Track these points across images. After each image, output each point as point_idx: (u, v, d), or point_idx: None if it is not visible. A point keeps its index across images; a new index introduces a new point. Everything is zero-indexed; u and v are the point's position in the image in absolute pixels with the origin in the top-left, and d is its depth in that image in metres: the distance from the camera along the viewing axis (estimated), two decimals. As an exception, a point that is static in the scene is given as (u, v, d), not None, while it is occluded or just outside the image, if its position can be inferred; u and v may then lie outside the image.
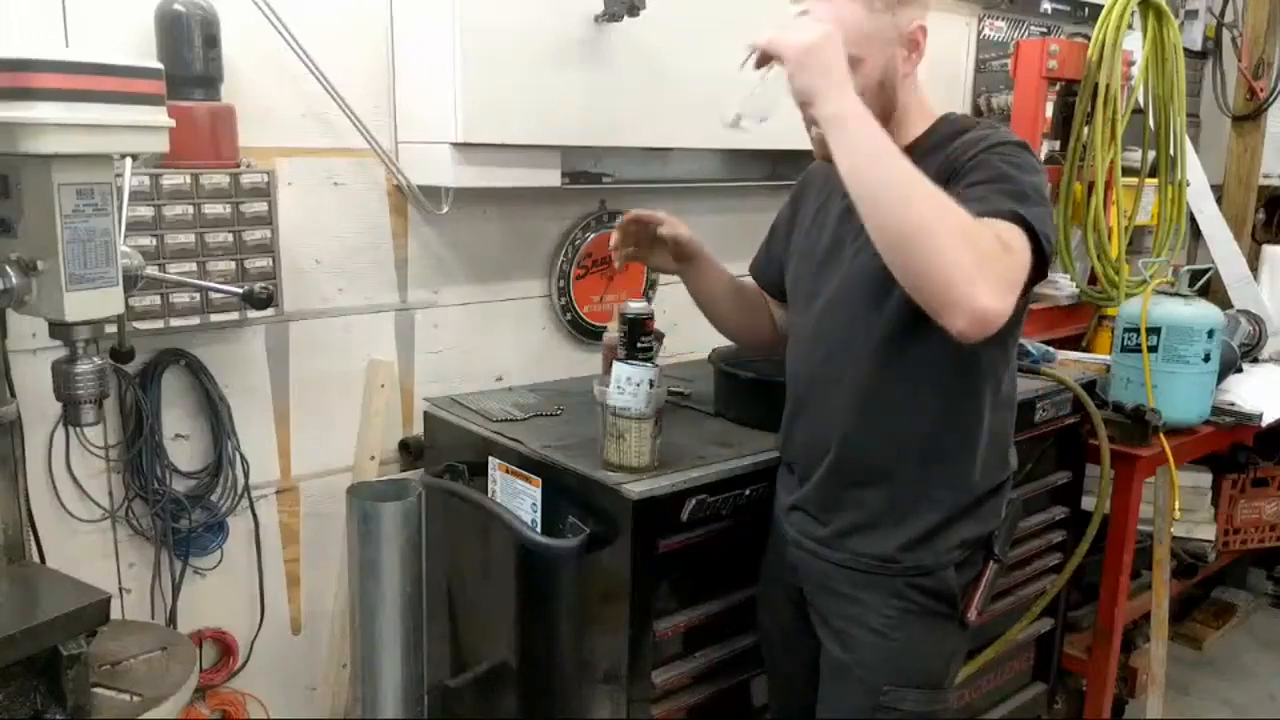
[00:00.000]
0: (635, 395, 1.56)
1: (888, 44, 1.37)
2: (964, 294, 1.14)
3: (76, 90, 1.20)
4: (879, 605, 1.47)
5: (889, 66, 1.38)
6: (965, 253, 1.15)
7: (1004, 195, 1.25)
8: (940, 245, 1.15)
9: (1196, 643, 3.41)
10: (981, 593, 1.51)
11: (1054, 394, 2.24)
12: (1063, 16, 3.43)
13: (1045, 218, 1.27)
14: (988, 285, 1.15)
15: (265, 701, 2.05)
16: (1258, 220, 4.14)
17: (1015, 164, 1.30)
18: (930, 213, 1.16)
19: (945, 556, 1.47)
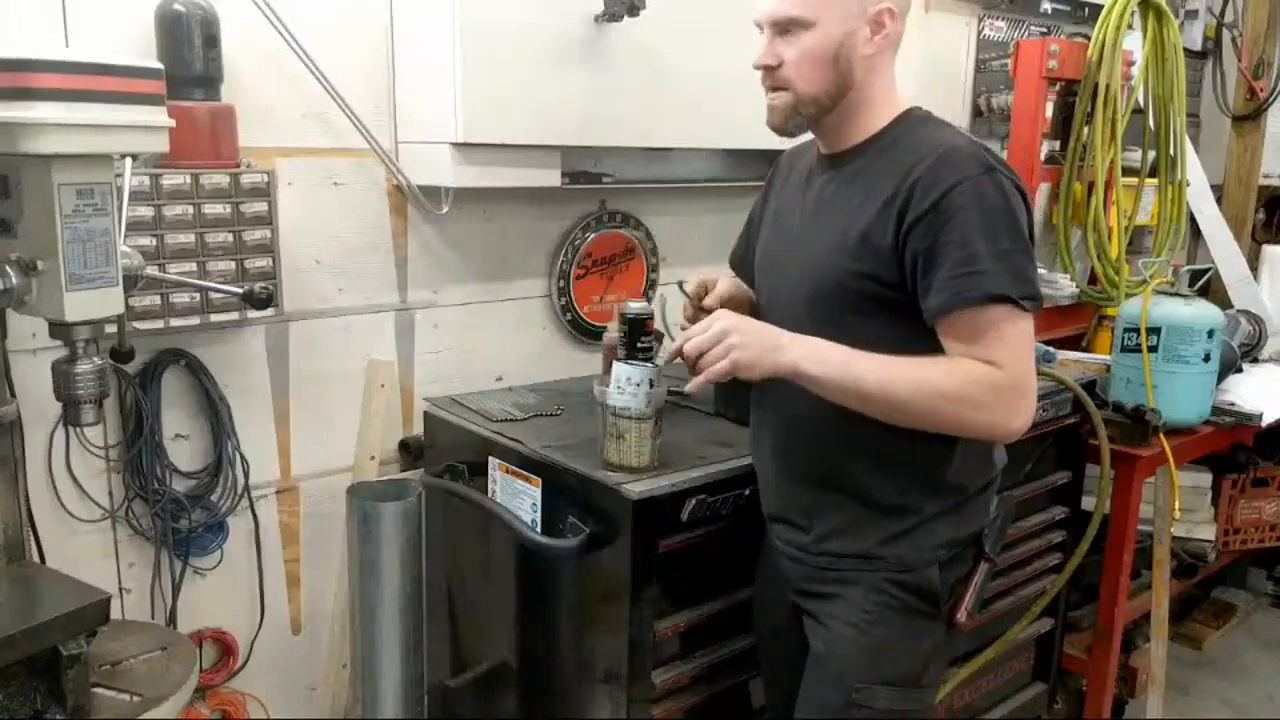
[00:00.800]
0: (635, 395, 1.56)
1: (849, 18, 1.33)
2: (1000, 435, 1.34)
3: (76, 90, 1.20)
4: (859, 600, 1.45)
5: (847, 42, 1.34)
6: (972, 413, 1.29)
7: (969, 278, 1.26)
8: (950, 422, 1.31)
9: (1196, 643, 3.41)
10: (972, 592, 1.49)
11: (1054, 394, 2.24)
12: (1063, 16, 3.43)
13: (1017, 267, 1.27)
14: (1006, 415, 1.29)
15: (265, 701, 2.05)
16: (1258, 220, 4.13)
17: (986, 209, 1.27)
18: (923, 406, 1.29)
19: (928, 554, 1.44)
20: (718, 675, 1.75)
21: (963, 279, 1.26)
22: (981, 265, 1.25)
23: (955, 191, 1.27)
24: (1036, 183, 3.00)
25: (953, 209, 1.26)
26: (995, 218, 1.27)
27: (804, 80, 1.36)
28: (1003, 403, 1.29)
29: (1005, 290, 1.26)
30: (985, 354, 1.27)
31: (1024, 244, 1.29)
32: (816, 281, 1.40)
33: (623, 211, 2.40)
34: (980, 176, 1.27)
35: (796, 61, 1.36)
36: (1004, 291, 1.26)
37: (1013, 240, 1.27)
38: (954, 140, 1.33)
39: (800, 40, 1.34)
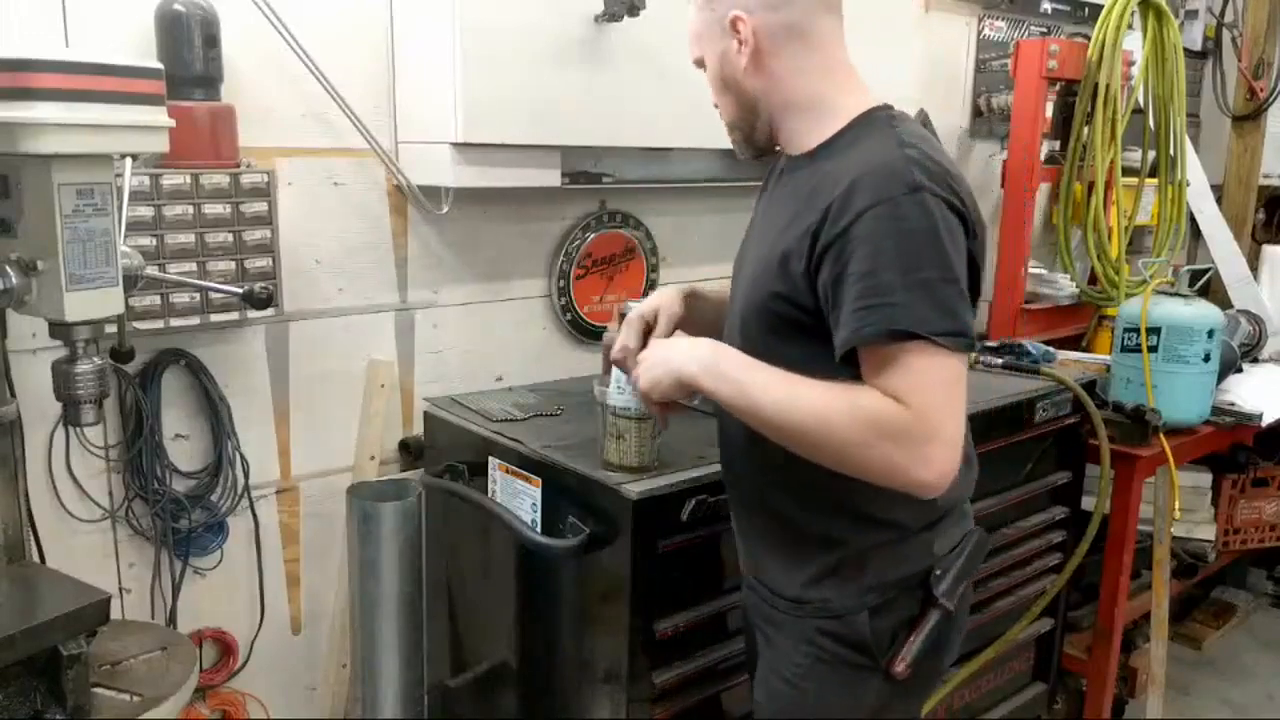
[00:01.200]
0: (635, 395, 1.56)
1: (717, 39, 1.29)
2: (901, 485, 1.14)
3: (76, 90, 1.20)
4: (790, 652, 1.34)
5: (725, 63, 1.29)
6: (866, 454, 1.13)
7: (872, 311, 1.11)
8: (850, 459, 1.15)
9: (1196, 643, 3.41)
10: (914, 642, 1.30)
11: (1054, 394, 2.24)
12: (1063, 16, 3.43)
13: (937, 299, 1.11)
14: (908, 463, 1.11)
15: (265, 701, 2.05)
16: (1258, 220, 4.13)
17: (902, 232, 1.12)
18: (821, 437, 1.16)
19: (857, 599, 1.29)
20: (718, 675, 1.74)
21: (865, 312, 1.11)
22: (890, 297, 1.10)
23: (869, 215, 1.12)
24: (1036, 183, 3.00)
25: (863, 235, 1.12)
26: (913, 242, 1.11)
27: (722, 111, 1.36)
28: (904, 449, 1.10)
29: (913, 325, 1.09)
30: (894, 394, 1.12)
31: (951, 272, 1.12)
32: (748, 298, 1.31)
33: (623, 211, 2.40)
34: (902, 197, 1.12)
35: (713, 94, 1.36)
36: (910, 326, 1.09)
37: (935, 268, 1.11)
38: (885, 155, 1.17)
39: (706, 77, 1.35)
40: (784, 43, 1.26)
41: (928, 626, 1.30)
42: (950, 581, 1.31)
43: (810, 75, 1.27)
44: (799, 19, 1.25)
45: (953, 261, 1.13)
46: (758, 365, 1.22)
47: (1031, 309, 3.09)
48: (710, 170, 2.33)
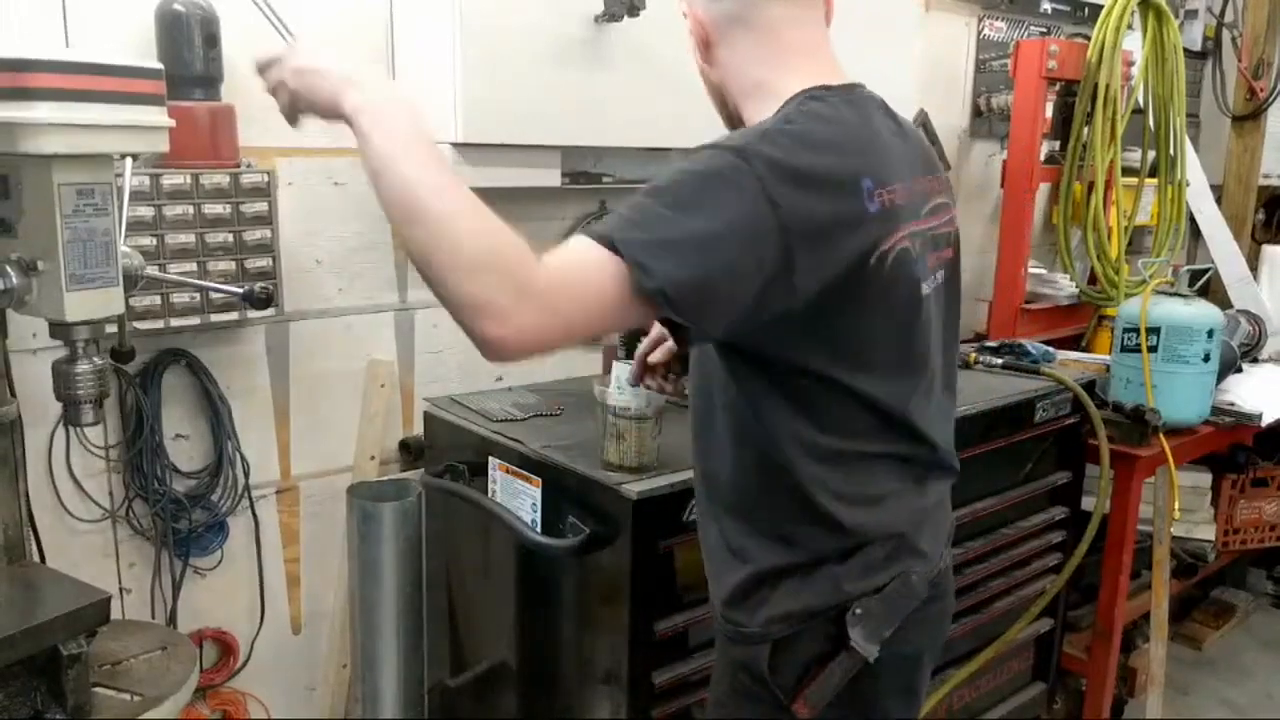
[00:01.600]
0: (635, 395, 1.56)
1: (688, 36, 1.26)
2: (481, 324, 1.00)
3: (76, 90, 1.20)
4: (717, 677, 1.30)
5: (695, 58, 1.26)
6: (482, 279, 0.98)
7: (622, 215, 1.02)
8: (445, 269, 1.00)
9: (1196, 643, 3.41)
10: (818, 684, 1.16)
11: (1053, 394, 2.24)
12: (1062, 17, 3.43)
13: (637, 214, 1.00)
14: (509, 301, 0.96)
15: (265, 701, 2.05)
16: (1257, 220, 4.13)
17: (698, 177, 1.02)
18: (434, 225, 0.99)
19: (759, 628, 1.19)
20: (718, 675, 1.75)
21: (609, 220, 1.03)
22: (626, 210, 1.02)
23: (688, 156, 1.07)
24: (1036, 183, 3.00)
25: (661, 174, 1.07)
26: (691, 187, 1.02)
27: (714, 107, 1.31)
28: (504, 289, 0.96)
29: (606, 231, 0.99)
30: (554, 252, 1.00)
31: (672, 201, 1.00)
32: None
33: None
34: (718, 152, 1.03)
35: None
36: (604, 232, 0.99)
37: (690, 210, 0.99)
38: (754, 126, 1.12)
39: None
40: (728, 32, 1.21)
41: (837, 669, 1.17)
42: (871, 626, 1.16)
43: (758, 63, 1.21)
44: (739, 9, 1.20)
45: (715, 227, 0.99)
46: (422, 133, 1.06)
47: (1031, 309, 3.09)
48: (710, 170, 2.33)
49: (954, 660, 2.16)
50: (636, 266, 0.96)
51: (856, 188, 1.06)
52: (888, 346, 1.14)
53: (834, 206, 1.04)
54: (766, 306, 1.02)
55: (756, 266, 1.00)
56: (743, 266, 1.00)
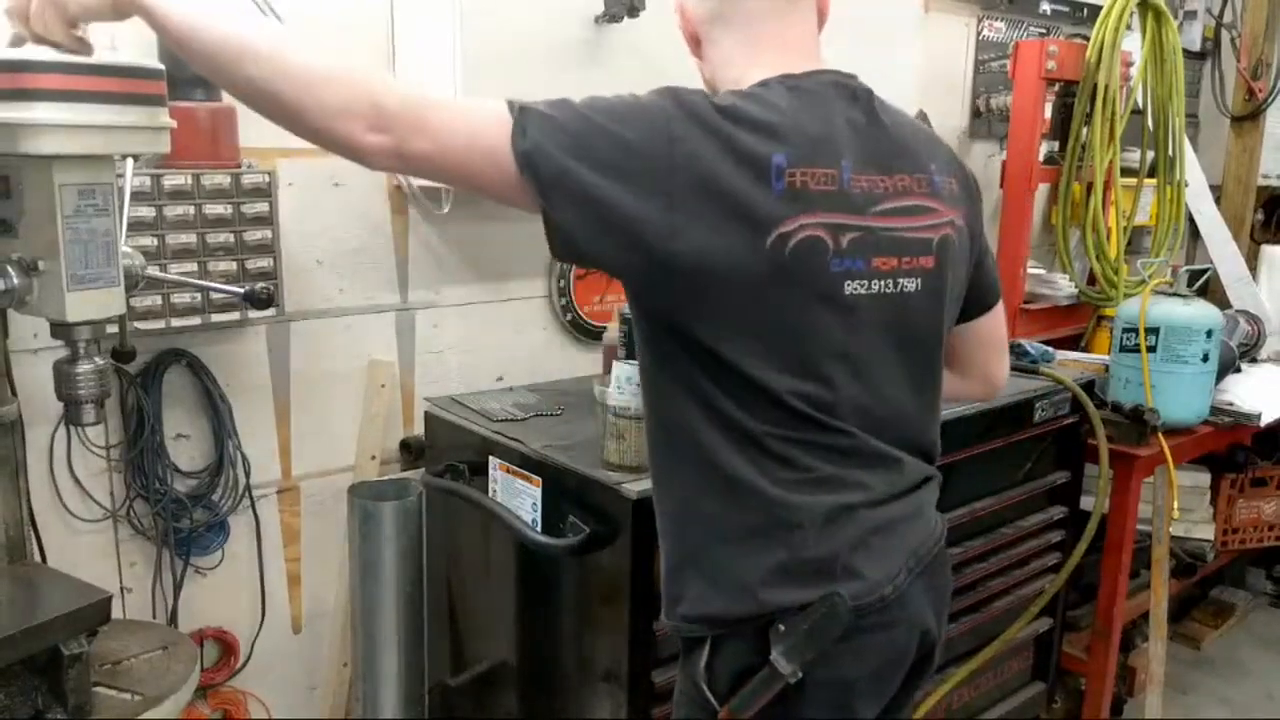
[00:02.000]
0: (635, 395, 1.56)
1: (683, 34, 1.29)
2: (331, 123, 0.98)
3: (77, 91, 1.20)
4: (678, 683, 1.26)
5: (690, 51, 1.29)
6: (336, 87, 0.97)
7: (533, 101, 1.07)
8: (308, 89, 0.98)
9: (1195, 642, 3.41)
10: (742, 693, 1.13)
11: (1053, 394, 2.25)
12: (1062, 17, 3.43)
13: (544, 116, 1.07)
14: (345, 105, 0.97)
15: (266, 701, 2.06)
16: (1256, 220, 4.14)
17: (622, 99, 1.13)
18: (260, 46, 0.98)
19: (680, 625, 1.19)
20: (717, 674, 1.75)
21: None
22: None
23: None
24: (1035, 183, 3.01)
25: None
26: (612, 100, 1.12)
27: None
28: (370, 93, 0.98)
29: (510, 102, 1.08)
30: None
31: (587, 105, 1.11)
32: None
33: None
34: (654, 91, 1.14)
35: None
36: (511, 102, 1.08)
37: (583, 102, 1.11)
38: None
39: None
40: (711, 29, 1.24)
41: (757, 682, 1.12)
42: (794, 646, 1.11)
43: (732, 57, 1.23)
44: (721, 7, 1.22)
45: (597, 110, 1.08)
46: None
47: (1030, 309, 3.09)
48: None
49: (954, 660, 2.16)
50: (517, 124, 1.01)
51: (764, 162, 1.05)
52: (783, 337, 1.10)
53: (732, 170, 1.04)
54: (642, 248, 1.03)
55: (635, 193, 1.01)
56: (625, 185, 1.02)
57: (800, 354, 1.12)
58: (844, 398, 1.14)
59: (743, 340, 1.09)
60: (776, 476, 1.12)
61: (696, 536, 1.17)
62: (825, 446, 1.14)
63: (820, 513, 1.13)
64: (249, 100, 1.02)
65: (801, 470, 1.13)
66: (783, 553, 1.13)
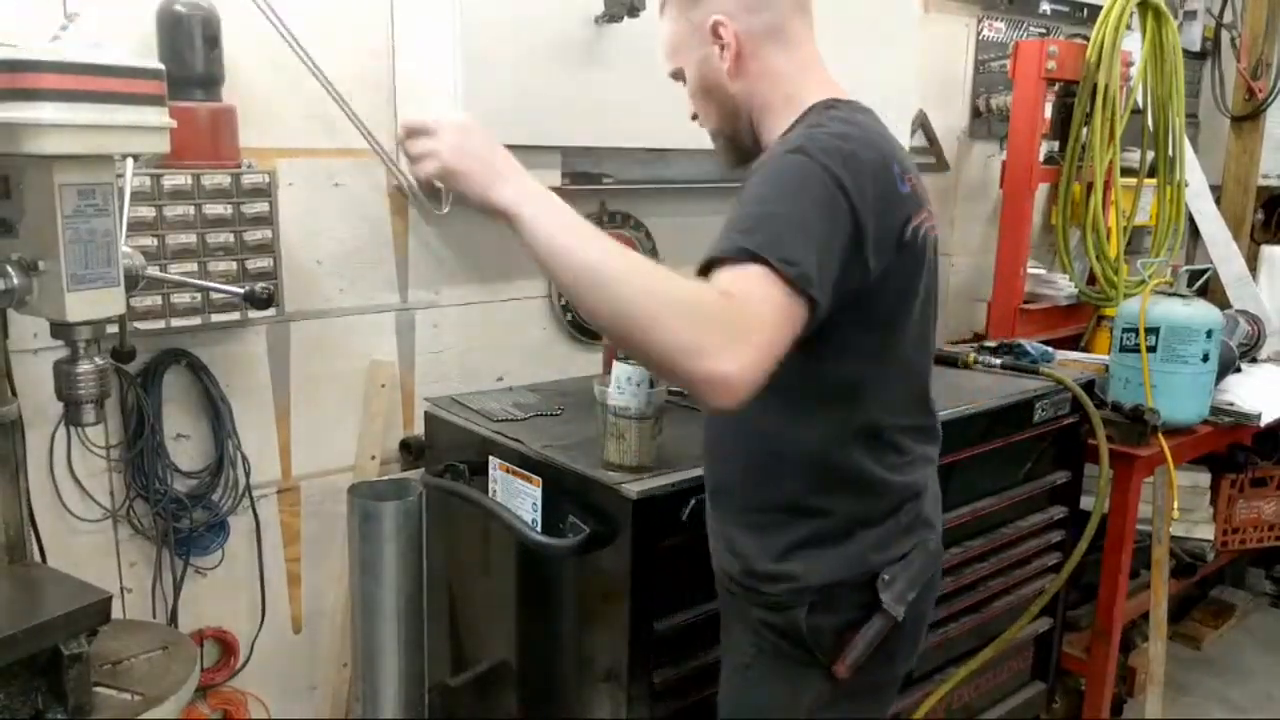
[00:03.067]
0: (635, 395, 1.56)
1: (696, 47, 1.30)
2: (699, 367, 0.98)
3: (77, 91, 1.21)
4: (741, 640, 1.37)
5: (705, 69, 1.30)
6: (687, 326, 0.99)
7: (734, 231, 1.08)
8: (642, 323, 1.00)
9: (1195, 642, 3.41)
10: (856, 646, 1.27)
11: (1053, 394, 2.25)
12: (1062, 17, 3.43)
13: (778, 232, 1.06)
14: (718, 344, 0.98)
15: (266, 701, 2.06)
16: (1256, 220, 4.14)
17: (766, 179, 1.14)
18: (615, 289, 1.02)
19: (794, 596, 1.29)
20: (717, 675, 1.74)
21: (720, 239, 1.08)
22: (742, 224, 1.08)
23: (766, 164, 1.17)
24: (1035, 183, 3.01)
25: (756, 174, 1.17)
26: (775, 187, 1.12)
27: (704, 119, 1.37)
28: (715, 332, 0.99)
29: (753, 246, 1.04)
30: (718, 286, 1.04)
31: (795, 213, 1.09)
32: None
33: (623, 212, 2.40)
34: (783, 155, 1.15)
35: (693, 104, 1.36)
36: (749, 246, 1.04)
37: (787, 206, 1.09)
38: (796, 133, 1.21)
39: (687, 88, 1.36)
40: (762, 44, 1.28)
41: (871, 632, 1.28)
42: (899, 589, 1.29)
43: (786, 75, 1.29)
44: (776, 20, 1.28)
45: (799, 204, 1.09)
46: (575, 214, 1.13)
47: (1030, 309, 3.09)
48: (710, 171, 2.34)
49: (954, 659, 2.16)
50: (783, 261, 1.03)
51: (891, 170, 1.19)
52: (913, 322, 1.26)
53: (880, 185, 1.16)
54: (845, 284, 1.12)
55: (841, 243, 1.11)
56: (835, 241, 1.11)
57: (928, 339, 1.33)
58: (928, 383, 1.37)
59: (893, 335, 1.25)
60: (889, 463, 1.30)
61: (804, 528, 1.29)
62: (922, 429, 1.36)
63: (920, 487, 1.35)
64: (604, 332, 1.12)
65: (906, 455, 1.32)
66: (891, 523, 1.31)
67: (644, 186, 2.29)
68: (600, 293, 1.04)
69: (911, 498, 1.33)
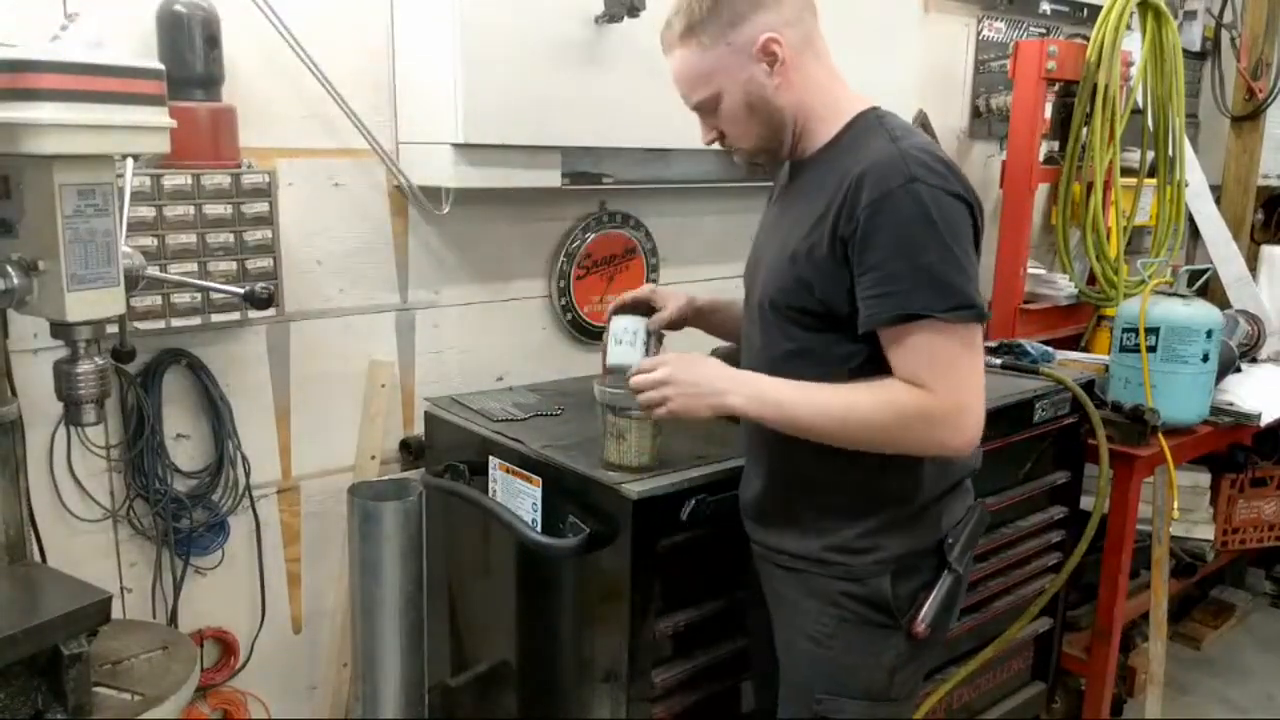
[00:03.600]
0: (634, 346, 1.57)
1: (739, 69, 1.35)
2: (944, 453, 1.33)
3: (78, 91, 1.21)
4: (816, 614, 1.45)
5: (753, 89, 1.36)
6: (907, 437, 1.30)
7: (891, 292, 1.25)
8: (890, 447, 1.32)
9: (1195, 642, 3.41)
10: (931, 604, 1.43)
11: (1053, 394, 2.25)
12: (1062, 17, 3.43)
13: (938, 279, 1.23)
14: (945, 436, 1.29)
15: (266, 701, 2.06)
16: (1256, 220, 4.14)
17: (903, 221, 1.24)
18: (858, 437, 1.32)
19: (876, 565, 1.42)
20: (717, 674, 1.75)
21: (876, 301, 1.26)
22: (896, 284, 1.25)
23: (873, 209, 1.26)
24: (1035, 183, 3.01)
25: (871, 230, 1.26)
26: (910, 230, 1.24)
27: (742, 139, 1.43)
28: (936, 426, 1.28)
29: (918, 308, 1.24)
30: (913, 376, 1.27)
31: (948, 252, 1.25)
32: (769, 291, 1.42)
33: (623, 212, 2.40)
34: (897, 189, 1.25)
35: (728, 127, 1.42)
36: (917, 309, 1.24)
37: (933, 251, 1.24)
38: (881, 152, 1.30)
39: (719, 111, 1.40)
40: (802, 55, 1.37)
41: (942, 591, 1.43)
42: (960, 549, 1.46)
43: (823, 83, 1.40)
44: (809, 31, 1.38)
45: (948, 241, 1.25)
46: (787, 383, 1.35)
47: (1030, 309, 3.09)
48: (710, 171, 2.34)
49: (954, 659, 2.16)
50: (964, 309, 1.25)
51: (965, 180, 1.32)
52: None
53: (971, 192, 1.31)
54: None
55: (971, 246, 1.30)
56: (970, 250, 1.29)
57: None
58: None
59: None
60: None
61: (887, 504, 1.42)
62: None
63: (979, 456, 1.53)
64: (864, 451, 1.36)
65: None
66: (960, 490, 1.51)
67: (644, 186, 2.28)
68: (833, 440, 1.34)
69: (976, 467, 1.54)
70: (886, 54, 2.41)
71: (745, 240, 1.86)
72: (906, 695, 1.52)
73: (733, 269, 2.64)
